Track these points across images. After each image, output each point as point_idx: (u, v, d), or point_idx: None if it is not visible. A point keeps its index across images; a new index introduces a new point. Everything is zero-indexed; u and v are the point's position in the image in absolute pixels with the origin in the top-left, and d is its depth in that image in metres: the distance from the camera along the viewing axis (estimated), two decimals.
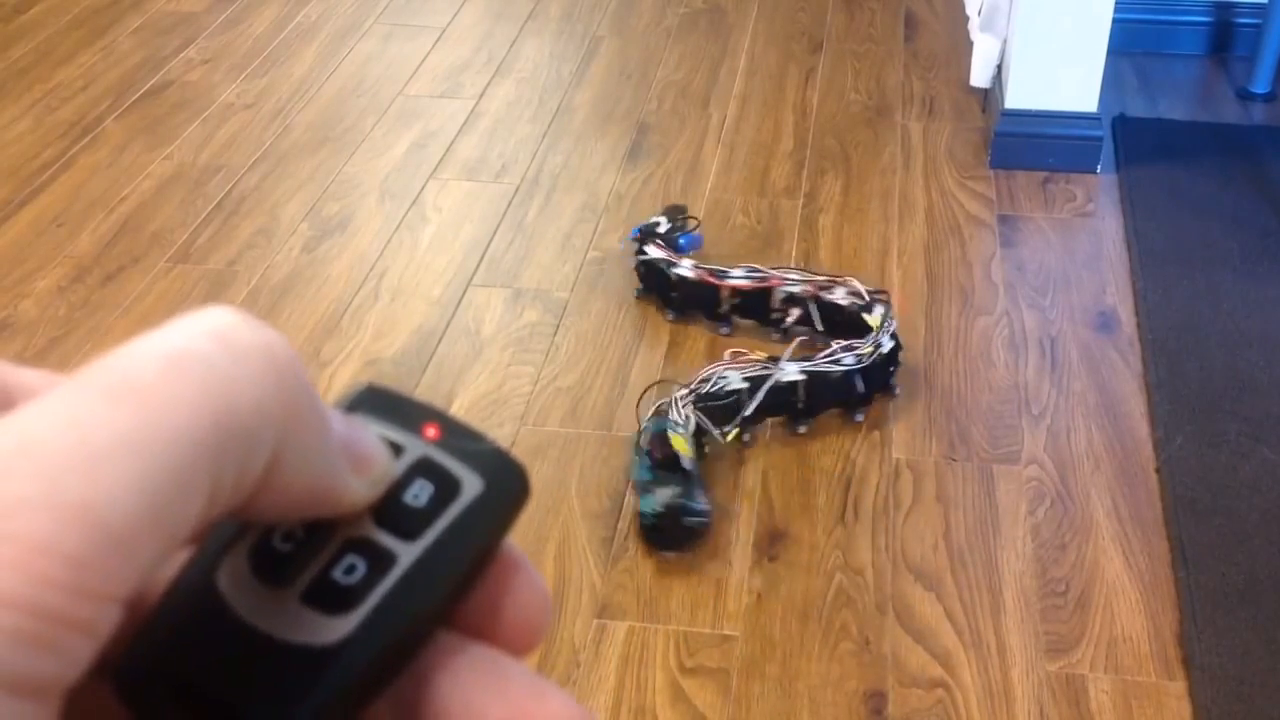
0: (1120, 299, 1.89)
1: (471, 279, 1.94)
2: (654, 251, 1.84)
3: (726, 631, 1.42)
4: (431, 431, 0.24)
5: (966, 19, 2.60)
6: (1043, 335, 1.83)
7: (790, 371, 1.61)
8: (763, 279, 1.78)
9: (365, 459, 0.23)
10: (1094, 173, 2.17)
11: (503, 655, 0.23)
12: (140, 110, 2.37)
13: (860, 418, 1.66)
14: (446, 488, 0.24)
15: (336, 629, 0.22)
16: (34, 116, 2.35)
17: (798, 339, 1.73)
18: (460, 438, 0.25)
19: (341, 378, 1.76)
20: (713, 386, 1.59)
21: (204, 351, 0.20)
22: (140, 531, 0.18)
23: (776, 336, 1.79)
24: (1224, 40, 2.51)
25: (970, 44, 2.43)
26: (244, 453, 0.20)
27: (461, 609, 0.24)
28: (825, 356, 1.64)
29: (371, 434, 0.23)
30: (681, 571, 1.49)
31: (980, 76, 2.35)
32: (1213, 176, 2.14)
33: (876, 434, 1.66)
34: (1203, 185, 2.12)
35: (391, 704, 0.23)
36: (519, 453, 1.63)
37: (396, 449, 0.24)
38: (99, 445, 0.18)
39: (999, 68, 2.30)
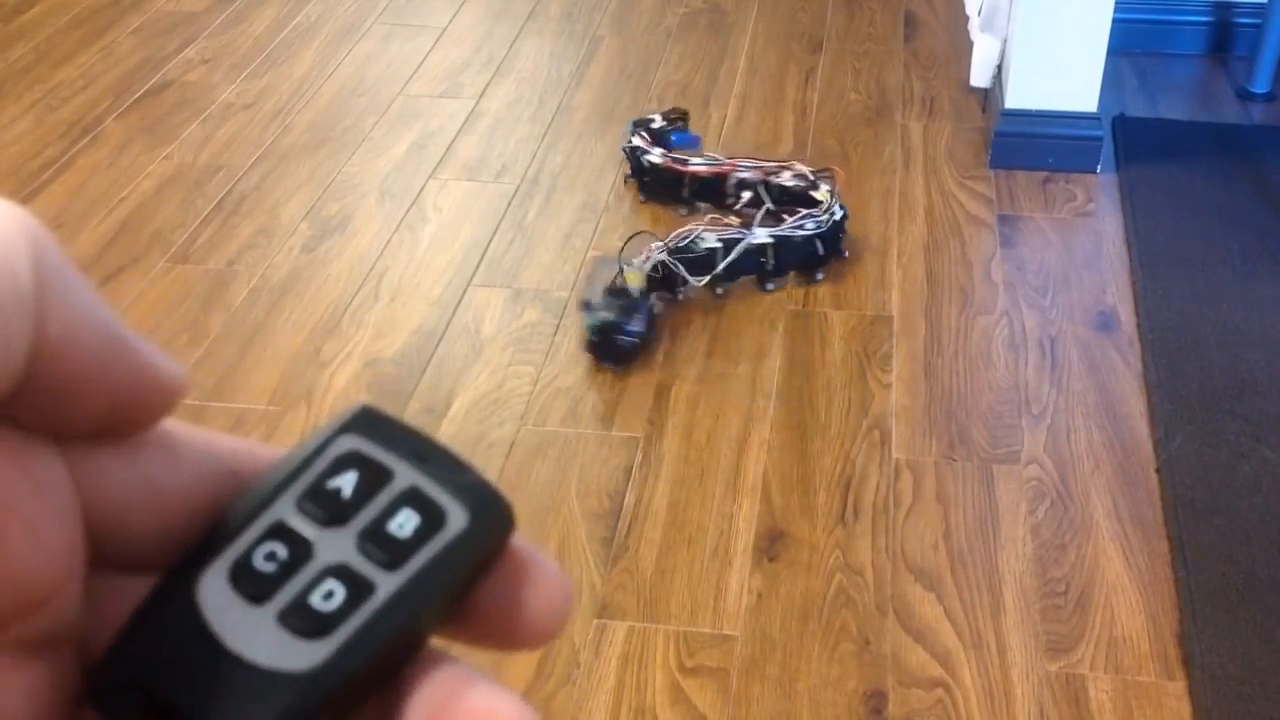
0: (1120, 299, 1.89)
1: (471, 279, 1.94)
2: (636, 140, 2.09)
3: (726, 631, 1.42)
4: (420, 459, 0.24)
5: (966, 19, 2.60)
6: (1043, 335, 1.83)
7: (760, 235, 1.88)
8: (718, 165, 2.05)
9: (164, 358, 0.22)
10: (1094, 173, 2.17)
11: (474, 671, 0.23)
12: (140, 110, 2.38)
13: (820, 276, 1.92)
14: (432, 519, 0.23)
15: (308, 655, 0.22)
16: (34, 116, 2.35)
17: (765, 208, 1.97)
18: (449, 468, 0.24)
19: (341, 378, 1.76)
20: (687, 241, 1.86)
21: None
22: None
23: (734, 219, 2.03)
24: (1224, 40, 2.51)
25: (970, 44, 2.43)
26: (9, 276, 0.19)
27: (478, 607, 0.24)
28: (791, 223, 1.91)
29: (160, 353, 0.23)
30: (682, 571, 1.49)
31: (980, 76, 2.35)
32: (1213, 176, 2.14)
33: (876, 434, 1.66)
34: (1203, 185, 2.12)
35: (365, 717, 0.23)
36: (519, 453, 1.63)
37: (385, 475, 0.24)
38: None
39: (999, 68, 2.30)
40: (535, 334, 1.83)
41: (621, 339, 1.74)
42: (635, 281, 1.77)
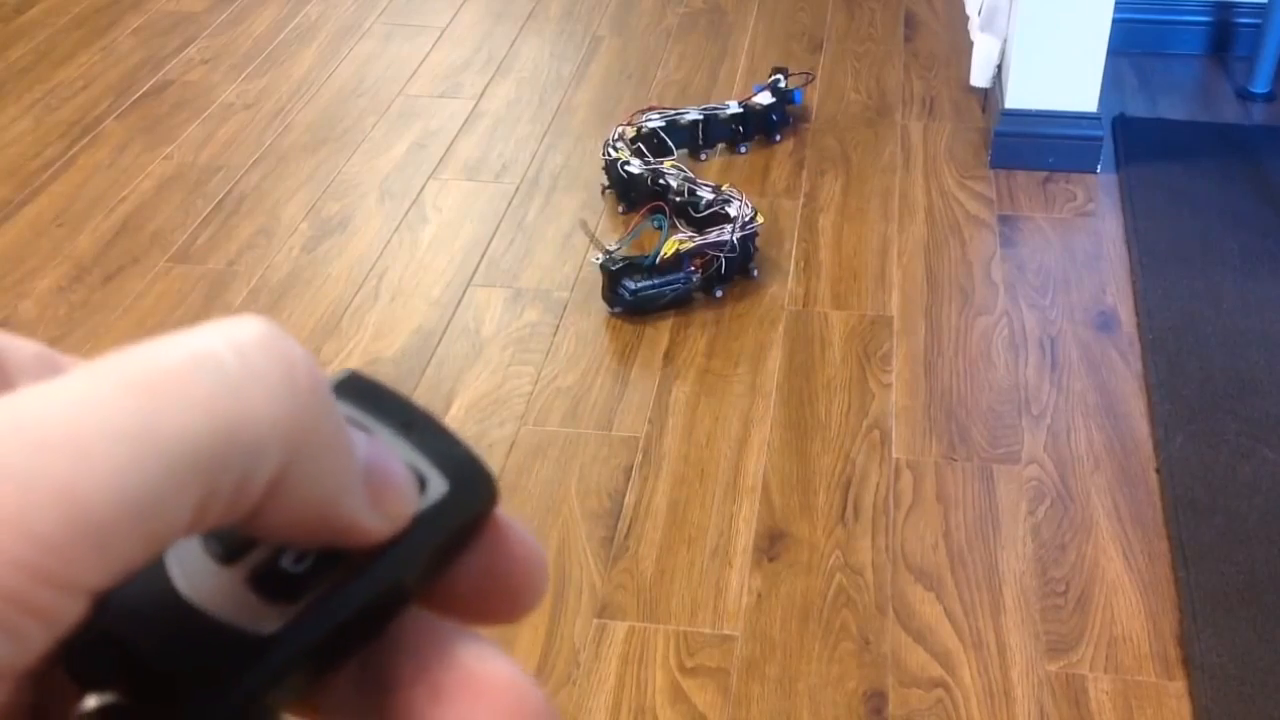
0: (1120, 299, 1.89)
1: (471, 279, 1.94)
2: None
3: (726, 631, 1.42)
4: (406, 427, 0.24)
5: (966, 19, 2.60)
6: (1043, 335, 1.83)
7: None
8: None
9: (386, 490, 0.22)
10: (1094, 173, 2.17)
11: (463, 629, 0.23)
12: (140, 110, 2.37)
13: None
14: None
15: (275, 618, 0.22)
16: (34, 116, 2.35)
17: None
18: (434, 437, 0.24)
19: None
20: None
21: (222, 358, 0.19)
22: (119, 525, 0.18)
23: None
24: (1224, 40, 2.51)
25: (970, 44, 2.43)
26: (246, 467, 0.19)
27: (454, 579, 0.24)
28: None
29: (400, 465, 0.23)
30: (682, 571, 1.49)
31: (980, 76, 2.35)
32: (1213, 176, 2.14)
33: (876, 434, 1.66)
34: (1203, 185, 2.12)
35: (352, 676, 0.23)
36: (519, 453, 1.63)
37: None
38: (95, 432, 0.18)
39: (999, 68, 2.30)
40: (535, 334, 1.83)
41: (619, 289, 1.82)
42: (668, 249, 1.83)
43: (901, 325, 1.84)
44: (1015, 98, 2.17)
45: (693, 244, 1.85)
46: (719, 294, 1.88)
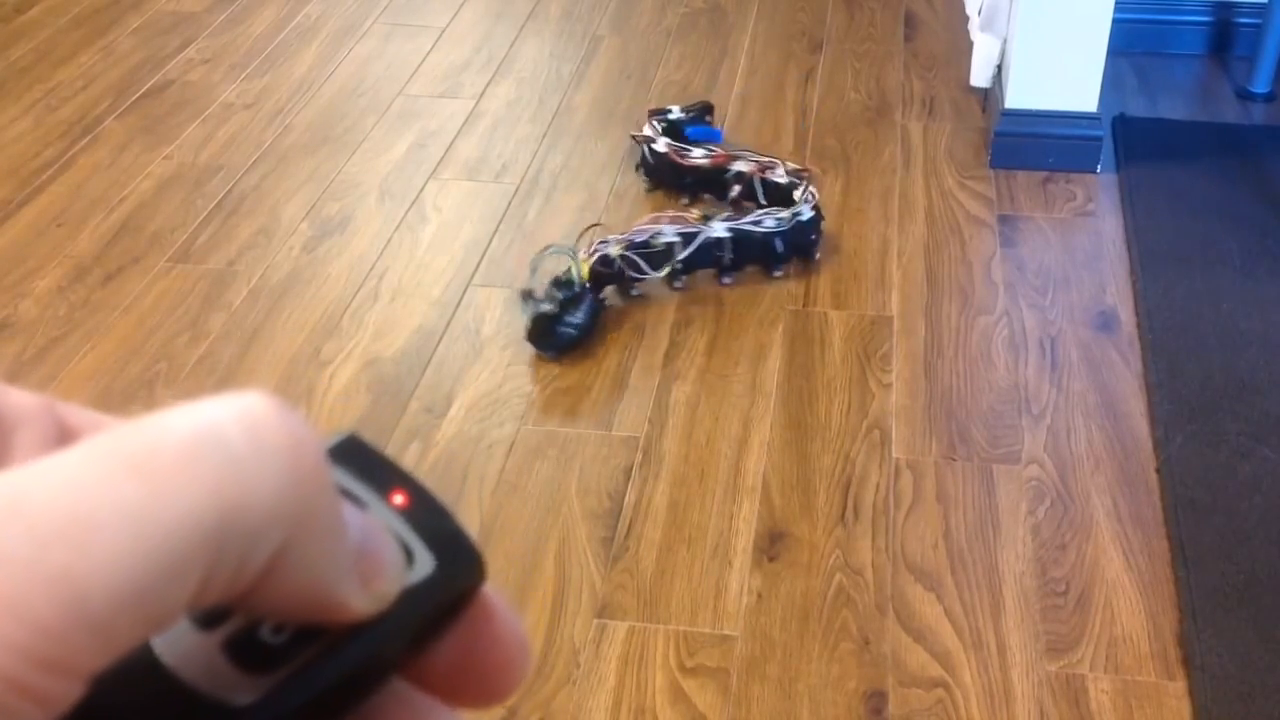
0: (1120, 299, 1.89)
1: (471, 279, 1.94)
2: (646, 130, 2.14)
3: (726, 631, 1.42)
4: (399, 498, 0.23)
5: (966, 19, 2.60)
6: (1043, 335, 1.83)
7: (718, 230, 1.88)
8: (715, 158, 2.08)
9: (375, 571, 0.22)
10: (1094, 172, 2.17)
11: (444, 708, 0.23)
12: (140, 110, 2.37)
13: (779, 274, 1.93)
14: None
15: (248, 689, 0.21)
16: (34, 116, 2.35)
17: (730, 199, 2.05)
18: (426, 511, 0.23)
19: (341, 378, 1.76)
20: (646, 237, 1.86)
21: (229, 438, 0.19)
22: (120, 611, 0.18)
23: (727, 209, 2.04)
24: (1224, 40, 2.51)
25: (970, 44, 2.43)
26: (246, 549, 0.19)
27: (433, 657, 0.23)
28: (749, 219, 1.91)
29: (391, 545, 0.22)
30: (682, 571, 1.49)
31: (980, 76, 2.35)
32: (1213, 176, 2.14)
33: (876, 434, 1.66)
34: (1203, 185, 2.12)
35: None
36: (519, 453, 1.63)
37: (358, 507, 0.23)
38: (96, 516, 0.18)
39: (999, 68, 2.30)
40: None
41: (561, 329, 1.76)
42: (584, 273, 1.80)
43: (901, 325, 1.84)
44: (1015, 98, 2.17)
45: (591, 260, 1.82)
46: (727, 280, 1.91)
